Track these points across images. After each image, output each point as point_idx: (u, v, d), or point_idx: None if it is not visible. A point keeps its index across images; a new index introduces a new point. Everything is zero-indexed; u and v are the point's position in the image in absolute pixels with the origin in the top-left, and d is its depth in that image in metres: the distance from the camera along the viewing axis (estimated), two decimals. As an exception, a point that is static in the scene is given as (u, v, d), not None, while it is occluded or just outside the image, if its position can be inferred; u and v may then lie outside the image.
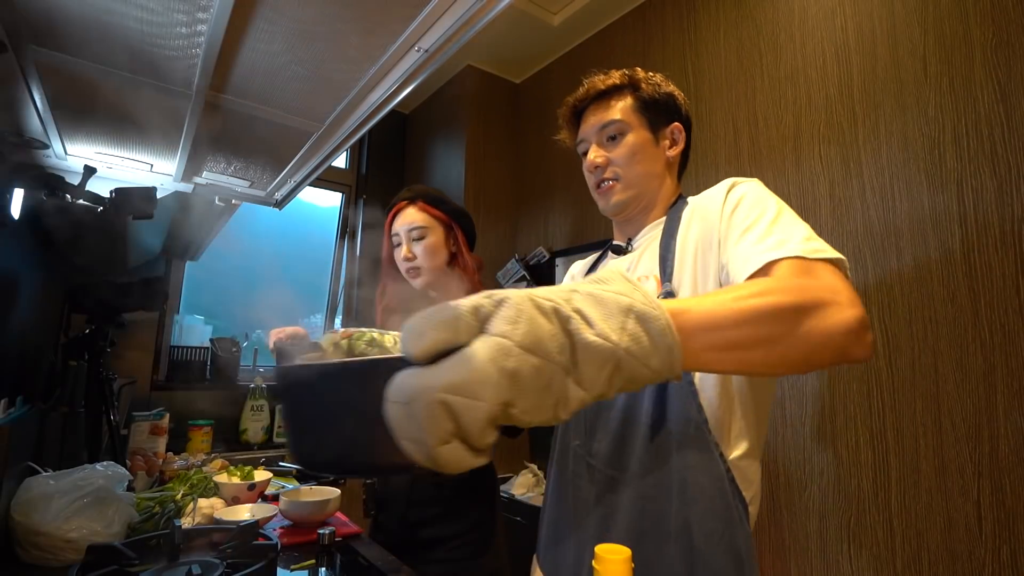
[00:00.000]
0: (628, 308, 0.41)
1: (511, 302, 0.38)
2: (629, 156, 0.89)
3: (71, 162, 1.31)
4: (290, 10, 0.79)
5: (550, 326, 0.39)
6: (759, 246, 0.65)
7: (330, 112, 1.10)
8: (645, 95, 0.91)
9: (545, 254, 2.48)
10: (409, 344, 0.37)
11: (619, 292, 0.42)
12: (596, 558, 0.48)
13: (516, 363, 0.37)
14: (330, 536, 1.11)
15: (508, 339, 0.37)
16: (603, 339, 0.40)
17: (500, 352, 0.36)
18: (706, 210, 0.79)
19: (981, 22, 1.30)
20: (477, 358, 0.36)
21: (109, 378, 1.77)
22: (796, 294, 0.51)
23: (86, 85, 0.97)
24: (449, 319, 0.37)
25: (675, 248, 0.81)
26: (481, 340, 0.37)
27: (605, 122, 0.90)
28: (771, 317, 0.49)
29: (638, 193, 0.90)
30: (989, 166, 1.27)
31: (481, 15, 0.80)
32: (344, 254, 3.19)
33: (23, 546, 0.97)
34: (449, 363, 0.36)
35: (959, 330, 1.28)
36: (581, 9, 2.35)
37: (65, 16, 0.78)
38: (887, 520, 1.36)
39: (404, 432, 0.36)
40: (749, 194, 0.75)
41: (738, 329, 0.47)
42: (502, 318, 0.38)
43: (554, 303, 0.39)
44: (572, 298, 0.41)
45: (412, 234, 1.34)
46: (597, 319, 0.40)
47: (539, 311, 0.39)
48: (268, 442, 2.49)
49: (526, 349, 0.37)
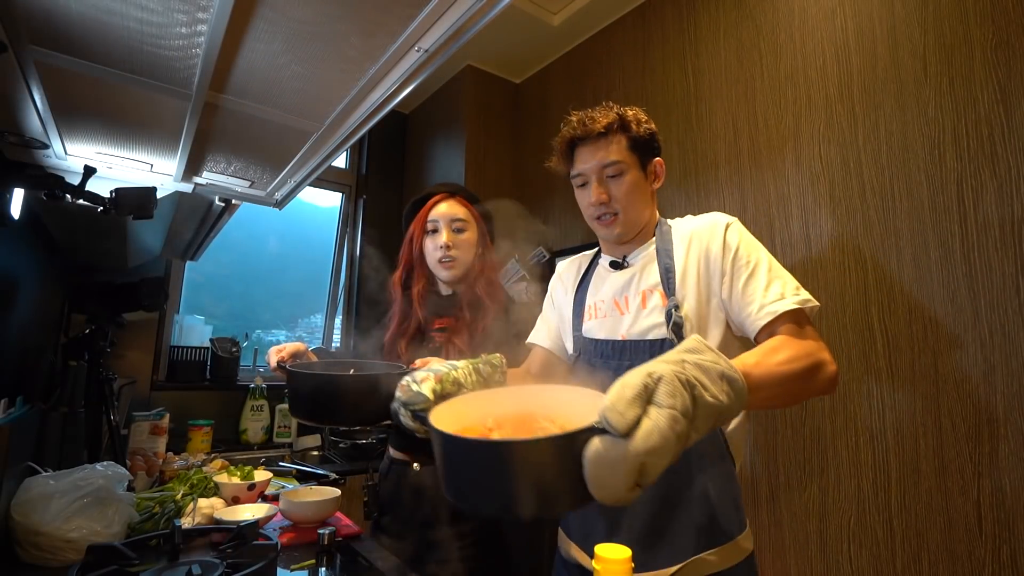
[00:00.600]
0: (722, 374, 0.60)
1: (666, 379, 0.54)
2: (628, 194, 1.01)
3: (71, 162, 1.30)
4: (290, 10, 0.79)
5: (687, 395, 0.55)
6: (766, 295, 0.88)
7: (330, 112, 1.10)
8: (635, 135, 1.01)
9: (545, 254, 2.48)
10: (615, 422, 0.51)
11: (713, 361, 0.60)
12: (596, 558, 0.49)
13: (681, 428, 0.52)
14: (330, 536, 1.11)
15: (674, 410, 0.52)
16: (715, 400, 0.57)
17: (673, 422, 0.52)
18: (705, 243, 0.97)
19: (981, 22, 1.30)
20: (662, 428, 0.51)
21: (109, 378, 1.77)
22: (807, 360, 0.78)
23: (86, 85, 0.97)
24: (635, 397, 0.52)
25: (674, 268, 0.98)
26: (657, 412, 0.52)
27: (606, 162, 1.01)
28: (797, 378, 0.76)
29: (635, 224, 1.04)
30: (989, 166, 1.27)
31: (481, 15, 0.80)
32: (344, 254, 3.19)
33: (23, 546, 0.98)
34: (644, 433, 0.50)
35: (959, 330, 1.28)
36: (581, 9, 2.35)
37: (65, 16, 0.78)
38: (887, 520, 1.36)
39: (601, 485, 0.48)
40: (743, 240, 0.95)
41: (779, 387, 0.73)
42: (664, 393, 0.53)
43: (686, 375, 0.56)
44: (686, 368, 0.58)
45: (454, 224, 1.34)
46: (708, 383, 0.58)
47: (681, 384, 0.55)
48: (268, 442, 2.49)
49: (683, 415, 0.53)
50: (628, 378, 0.56)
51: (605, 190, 1.02)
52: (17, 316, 1.52)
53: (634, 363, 0.88)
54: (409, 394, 0.79)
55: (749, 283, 0.91)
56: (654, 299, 0.98)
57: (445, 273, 1.34)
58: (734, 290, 0.92)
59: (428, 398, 0.77)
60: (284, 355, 1.18)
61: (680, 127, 2.02)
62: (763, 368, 0.71)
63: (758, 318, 0.88)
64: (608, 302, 1.05)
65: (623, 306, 1.03)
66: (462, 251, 1.33)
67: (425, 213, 1.36)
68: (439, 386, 0.79)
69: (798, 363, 0.76)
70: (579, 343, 1.09)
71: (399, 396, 0.80)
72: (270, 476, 1.44)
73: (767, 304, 0.87)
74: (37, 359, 1.63)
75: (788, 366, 0.75)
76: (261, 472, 1.46)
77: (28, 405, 1.25)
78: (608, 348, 1.01)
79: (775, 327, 0.87)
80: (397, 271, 1.43)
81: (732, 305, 0.93)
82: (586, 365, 1.05)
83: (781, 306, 0.86)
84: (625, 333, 1.00)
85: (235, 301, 3.15)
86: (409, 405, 0.78)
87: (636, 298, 1.01)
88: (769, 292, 0.88)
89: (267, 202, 1.71)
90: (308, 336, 3.26)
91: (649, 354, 0.91)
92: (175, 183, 1.49)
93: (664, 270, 0.98)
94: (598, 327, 1.06)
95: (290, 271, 3.40)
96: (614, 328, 1.02)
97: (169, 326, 2.53)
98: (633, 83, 2.25)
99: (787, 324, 0.86)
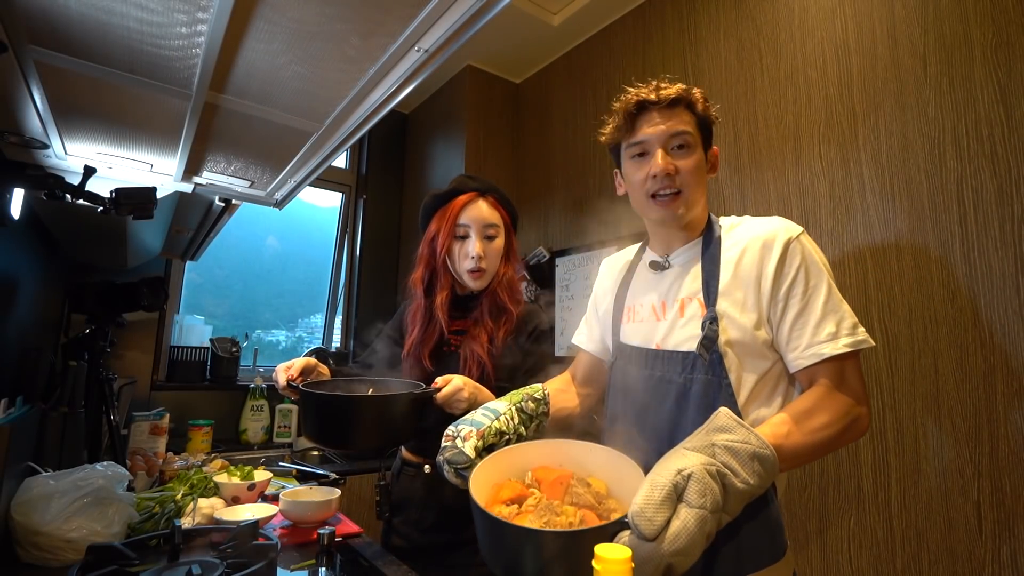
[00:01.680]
0: (753, 455, 0.61)
1: (696, 476, 0.57)
2: (694, 170, 0.90)
3: (71, 162, 1.30)
4: (290, 10, 0.79)
5: (717, 487, 0.57)
6: (817, 333, 0.80)
7: (330, 112, 1.10)
8: (701, 115, 0.92)
9: (545, 254, 2.48)
10: (643, 528, 0.54)
11: (743, 441, 0.62)
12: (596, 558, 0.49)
13: (711, 526, 0.55)
14: (330, 536, 1.11)
15: (704, 510, 0.55)
16: (746, 484, 0.60)
17: (702, 521, 0.54)
18: (759, 257, 0.85)
19: (981, 22, 1.30)
20: (691, 530, 0.53)
21: (109, 378, 1.77)
22: (842, 422, 0.76)
23: (86, 85, 0.97)
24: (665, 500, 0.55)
25: (718, 276, 0.87)
26: (686, 512, 0.55)
27: (677, 131, 0.89)
28: (830, 444, 0.76)
29: (693, 208, 0.92)
30: (989, 166, 1.27)
31: (481, 15, 0.79)
32: (344, 254, 3.19)
33: (23, 546, 0.97)
34: (672, 536, 0.53)
35: (959, 330, 1.28)
36: (581, 9, 2.35)
37: (65, 16, 0.78)
38: (887, 520, 1.36)
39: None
40: (804, 262, 0.84)
41: (809, 455, 0.75)
42: (695, 492, 0.56)
43: (716, 465, 0.59)
44: (715, 452, 0.60)
45: (487, 231, 1.24)
46: (738, 468, 0.60)
47: (711, 478, 0.57)
48: (268, 442, 2.50)
49: (712, 511, 0.55)
50: (657, 477, 0.57)
51: (673, 162, 0.89)
52: (17, 316, 1.52)
53: (665, 375, 0.89)
54: (452, 452, 0.80)
55: (802, 315, 0.82)
56: (692, 308, 0.89)
57: (474, 284, 1.25)
58: (785, 319, 0.83)
59: (470, 457, 0.79)
60: (293, 373, 1.13)
61: (680, 127, 2.02)
62: (795, 439, 0.71)
63: (802, 357, 0.81)
64: (647, 306, 0.97)
65: (660, 312, 0.94)
66: (492, 260, 1.24)
67: (454, 213, 1.24)
68: (480, 443, 0.81)
69: (831, 428, 0.74)
70: (616, 347, 1.02)
71: (442, 453, 0.81)
72: (270, 476, 1.44)
73: (815, 344, 0.80)
74: (37, 359, 1.63)
75: (822, 433, 0.74)
76: (261, 472, 1.46)
77: (28, 405, 1.25)
78: (642, 357, 0.94)
79: (817, 371, 0.80)
80: (417, 271, 1.30)
81: (779, 334, 0.84)
82: (621, 373, 0.98)
83: (831, 349, 0.79)
84: (660, 342, 0.92)
85: (235, 301, 3.16)
86: (452, 464, 0.80)
87: (674, 305, 0.92)
88: (821, 329, 0.80)
89: (267, 202, 1.71)
90: (308, 336, 3.26)
91: (681, 367, 0.86)
92: (175, 183, 1.49)
93: (707, 277, 0.88)
94: (634, 332, 0.98)
95: (290, 271, 3.40)
96: (649, 336, 0.94)
97: (169, 326, 2.53)
98: (633, 83, 2.25)
99: (832, 369, 0.79)
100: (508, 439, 0.86)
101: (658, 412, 0.88)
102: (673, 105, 0.91)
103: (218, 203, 1.67)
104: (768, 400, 0.85)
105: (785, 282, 0.83)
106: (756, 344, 0.83)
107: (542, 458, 0.79)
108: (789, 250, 0.84)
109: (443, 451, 0.82)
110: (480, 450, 0.80)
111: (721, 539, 0.82)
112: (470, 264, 1.22)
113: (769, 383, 0.85)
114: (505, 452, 0.80)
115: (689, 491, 0.55)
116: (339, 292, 3.16)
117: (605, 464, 0.74)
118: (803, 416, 0.75)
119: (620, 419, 0.95)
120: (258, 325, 3.18)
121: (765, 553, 0.83)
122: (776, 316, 0.83)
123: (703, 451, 0.61)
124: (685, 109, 0.91)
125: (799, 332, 0.81)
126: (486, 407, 0.90)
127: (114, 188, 1.18)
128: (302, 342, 3.23)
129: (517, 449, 0.81)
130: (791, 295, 0.83)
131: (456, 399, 1.03)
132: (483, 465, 0.75)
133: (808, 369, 0.81)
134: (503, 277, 1.28)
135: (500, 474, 0.76)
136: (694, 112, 0.92)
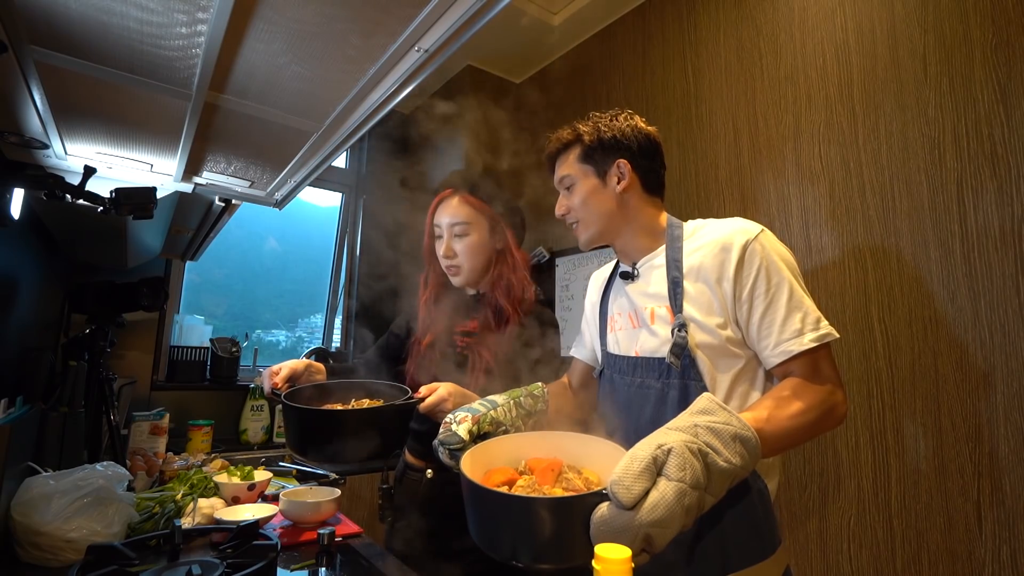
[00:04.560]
0: (735, 435, 0.63)
1: (676, 451, 0.57)
2: (581, 202, 1.02)
3: (71, 162, 1.30)
4: (290, 10, 0.79)
5: (699, 464, 0.58)
6: (783, 331, 0.84)
7: (330, 112, 1.10)
8: (586, 144, 1.02)
9: (545, 254, 2.48)
10: (620, 496, 0.54)
11: (725, 422, 0.63)
12: (596, 558, 0.49)
13: (689, 500, 0.56)
14: (330, 536, 1.11)
15: (683, 483, 0.55)
16: (728, 464, 0.60)
17: (681, 495, 0.55)
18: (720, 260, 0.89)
19: (981, 22, 1.30)
20: (668, 501, 0.54)
21: (109, 378, 1.77)
22: (819, 409, 0.79)
23: (86, 85, 0.97)
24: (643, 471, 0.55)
25: (682, 283, 0.92)
26: (665, 484, 0.55)
27: (560, 177, 1.05)
28: (808, 429, 0.78)
29: (600, 229, 1.02)
30: (989, 166, 1.27)
31: (481, 15, 0.79)
32: (344, 254, 3.19)
33: (23, 546, 0.97)
34: (650, 506, 0.54)
35: (959, 330, 1.28)
36: (581, 9, 2.35)
37: (65, 16, 0.78)
38: (887, 520, 1.36)
39: None
40: (763, 262, 0.87)
41: (790, 439, 0.76)
42: (674, 466, 0.56)
43: (697, 444, 0.59)
44: (698, 433, 0.61)
45: (454, 229, 1.25)
46: (720, 448, 0.61)
47: (692, 455, 0.58)
48: (268, 442, 2.49)
49: (692, 487, 0.56)
50: (637, 450, 0.58)
51: (564, 202, 1.05)
52: (17, 316, 1.52)
53: (645, 381, 0.93)
54: (446, 434, 0.83)
55: (767, 315, 0.85)
56: (661, 314, 0.93)
57: (455, 281, 1.28)
58: (752, 320, 0.87)
59: (463, 439, 0.82)
60: (278, 381, 1.11)
61: (680, 127, 2.02)
62: (775, 423, 0.74)
63: (773, 355, 0.85)
64: (624, 315, 1.02)
65: (635, 320, 0.99)
66: (466, 256, 1.24)
67: (431, 214, 1.30)
68: (475, 427, 0.84)
69: (811, 414, 0.78)
70: (603, 357, 1.08)
71: (439, 434, 0.85)
72: (270, 476, 1.44)
73: (783, 342, 0.84)
74: (37, 359, 1.63)
75: (801, 419, 0.77)
76: (261, 472, 1.46)
77: (28, 405, 1.25)
78: (624, 364, 0.99)
79: (790, 366, 0.84)
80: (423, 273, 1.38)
81: (749, 334, 0.88)
82: (608, 381, 1.03)
83: (797, 346, 0.83)
84: (639, 349, 0.96)
85: (235, 301, 3.16)
86: (446, 444, 0.83)
87: (645, 312, 0.97)
88: (787, 327, 0.84)
89: (267, 202, 1.71)
90: (308, 336, 3.26)
91: (658, 373, 0.91)
92: (175, 183, 1.49)
93: (672, 283, 0.93)
94: (616, 342, 1.03)
95: (290, 271, 3.40)
96: (629, 343, 0.99)
97: (169, 326, 2.53)
98: (633, 83, 2.26)
99: (803, 362, 0.83)
100: (505, 430, 0.87)
101: (641, 417, 0.92)
102: (561, 152, 1.05)
103: (218, 203, 1.67)
104: (746, 396, 0.89)
105: (747, 284, 0.87)
106: (724, 345, 0.88)
107: (536, 449, 0.79)
108: (748, 252, 0.87)
109: (439, 434, 0.85)
110: (475, 435, 0.83)
111: (708, 533, 0.85)
112: (444, 262, 1.27)
113: (745, 379, 0.89)
114: (499, 440, 0.81)
115: (669, 465, 0.56)
116: (339, 292, 3.16)
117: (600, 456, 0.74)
118: (783, 402, 0.78)
119: (608, 425, 0.99)
120: (258, 325, 3.18)
121: (755, 549, 0.86)
122: (743, 317, 0.88)
123: (686, 431, 0.61)
124: (574, 147, 1.03)
125: (767, 331, 0.85)
126: (485, 398, 0.92)
127: (114, 188, 1.18)
128: (302, 342, 3.23)
129: (512, 439, 0.82)
130: (754, 296, 0.86)
131: (440, 410, 1.01)
132: (476, 450, 0.76)
133: (781, 366, 0.85)
134: (502, 277, 1.26)
135: (494, 461, 0.76)
136: (582, 145, 1.02)
